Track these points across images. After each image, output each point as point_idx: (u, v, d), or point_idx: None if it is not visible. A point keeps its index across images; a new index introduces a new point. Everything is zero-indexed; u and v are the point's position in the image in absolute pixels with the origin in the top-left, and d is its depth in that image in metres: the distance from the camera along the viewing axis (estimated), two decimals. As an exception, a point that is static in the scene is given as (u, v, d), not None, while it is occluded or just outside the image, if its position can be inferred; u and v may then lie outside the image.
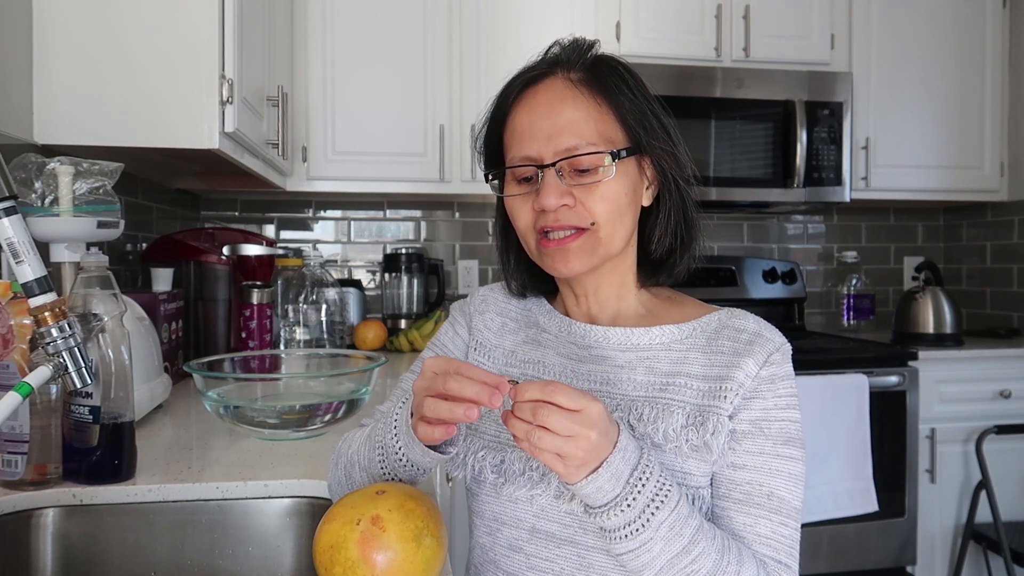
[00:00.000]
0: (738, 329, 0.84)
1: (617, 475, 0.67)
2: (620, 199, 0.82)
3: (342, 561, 0.67)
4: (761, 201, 2.62)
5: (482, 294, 0.98)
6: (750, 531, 0.77)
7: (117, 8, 1.42)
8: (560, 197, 0.80)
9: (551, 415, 0.64)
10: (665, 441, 0.78)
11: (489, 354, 0.92)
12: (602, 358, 0.85)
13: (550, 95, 0.82)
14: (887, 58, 2.68)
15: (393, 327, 2.59)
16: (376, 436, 0.82)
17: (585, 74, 0.83)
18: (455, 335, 0.97)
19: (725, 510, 0.79)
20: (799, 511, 0.79)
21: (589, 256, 0.82)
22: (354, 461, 0.85)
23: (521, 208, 0.84)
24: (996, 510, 2.30)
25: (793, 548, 0.78)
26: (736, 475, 0.79)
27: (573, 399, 0.65)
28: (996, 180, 2.79)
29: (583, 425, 0.65)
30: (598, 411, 0.66)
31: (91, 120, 1.42)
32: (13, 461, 0.95)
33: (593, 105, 0.81)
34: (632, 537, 0.69)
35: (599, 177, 0.80)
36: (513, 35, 2.45)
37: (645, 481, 0.69)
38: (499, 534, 0.84)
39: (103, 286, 0.97)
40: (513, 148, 0.84)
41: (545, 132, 0.81)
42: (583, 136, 0.80)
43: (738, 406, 0.79)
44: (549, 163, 0.80)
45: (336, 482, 0.89)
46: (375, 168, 2.41)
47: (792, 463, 0.79)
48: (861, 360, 2.33)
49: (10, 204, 0.81)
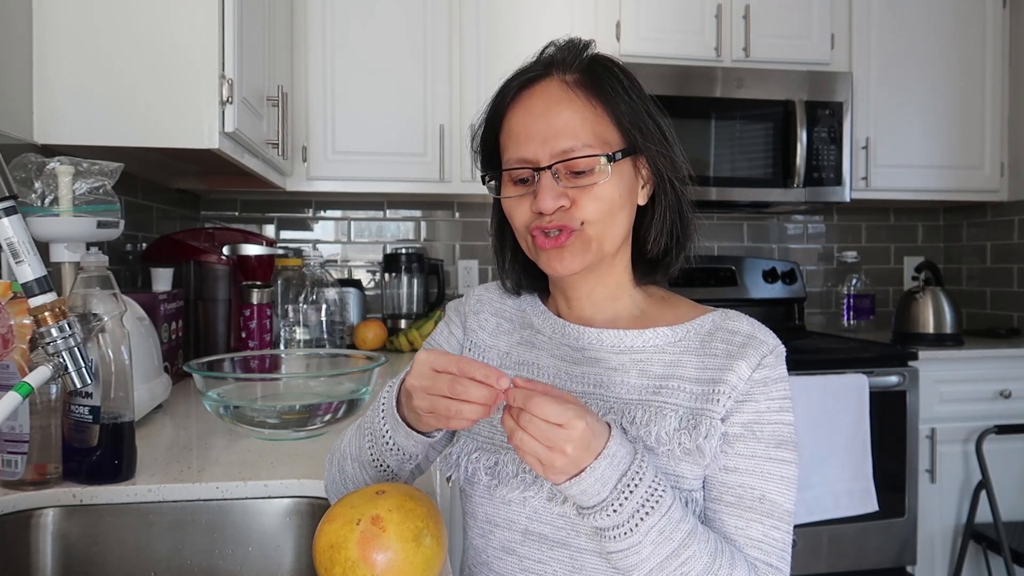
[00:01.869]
0: (732, 331, 0.84)
1: (603, 480, 0.68)
2: (614, 200, 0.82)
3: (342, 561, 0.67)
4: (761, 201, 2.62)
5: (477, 294, 0.98)
6: (741, 534, 0.77)
7: (117, 8, 1.42)
8: (556, 199, 0.80)
9: (532, 423, 0.66)
10: (658, 444, 0.78)
11: (484, 355, 0.92)
12: (595, 360, 0.85)
13: (546, 97, 0.83)
14: (887, 58, 2.68)
15: (393, 327, 2.59)
16: (366, 424, 0.84)
17: (580, 76, 0.83)
18: (450, 335, 0.97)
19: (717, 513, 0.79)
20: (791, 514, 0.80)
21: (583, 255, 0.82)
22: (346, 453, 0.86)
23: (518, 209, 0.84)
24: (996, 510, 2.30)
25: (785, 551, 0.78)
26: (728, 478, 0.79)
27: (555, 413, 0.66)
28: (996, 180, 2.79)
29: (562, 438, 0.66)
30: (580, 428, 0.66)
31: (91, 120, 1.42)
32: (13, 461, 0.95)
33: (588, 107, 0.82)
34: (620, 539, 0.70)
35: (595, 179, 0.81)
36: (513, 35, 2.45)
37: (633, 488, 0.69)
38: (492, 536, 0.84)
39: (103, 286, 0.97)
40: (510, 149, 0.84)
41: (541, 134, 0.81)
42: (579, 138, 0.81)
43: (731, 409, 0.79)
44: (545, 166, 0.81)
45: (331, 479, 0.90)
46: (375, 168, 2.41)
47: (784, 466, 0.79)
48: (861, 360, 2.33)
49: (10, 204, 0.81)
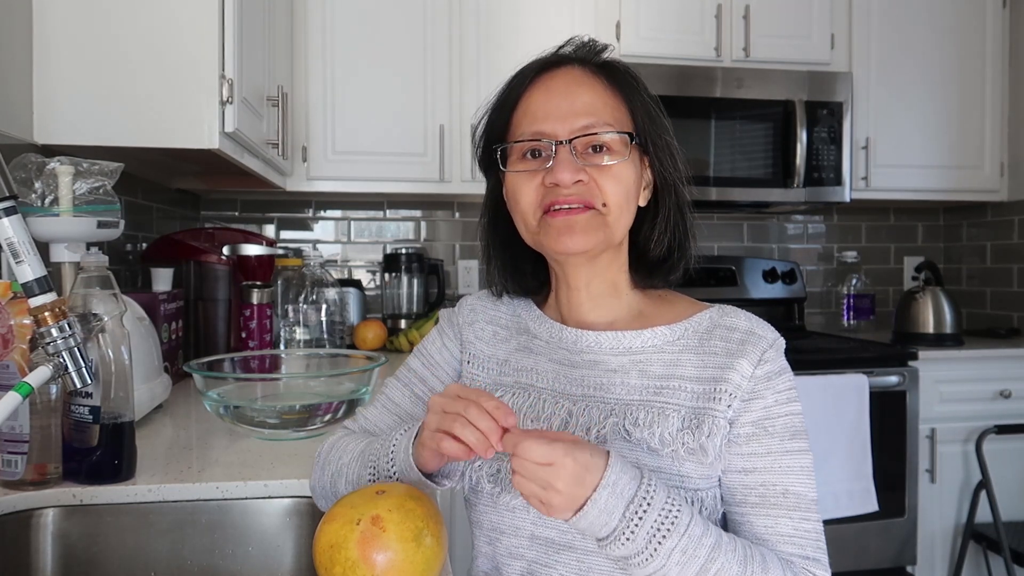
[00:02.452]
0: (730, 328, 0.83)
1: (608, 510, 0.67)
2: (630, 185, 0.82)
3: (342, 561, 0.67)
4: (761, 201, 2.62)
5: (470, 304, 0.97)
6: (772, 532, 0.77)
7: (117, 8, 1.42)
8: (575, 173, 0.79)
9: (524, 466, 0.66)
10: (661, 446, 0.77)
11: (483, 365, 0.91)
12: (594, 363, 0.85)
13: (567, 79, 0.84)
14: (887, 58, 2.68)
15: (393, 327, 2.59)
16: (370, 457, 0.82)
17: (599, 67, 0.85)
18: (443, 347, 0.96)
19: (744, 515, 0.78)
20: (816, 501, 0.79)
21: (595, 233, 0.81)
22: (342, 473, 0.85)
23: (527, 185, 0.83)
24: (996, 510, 2.30)
25: (819, 540, 0.78)
26: (748, 479, 0.78)
27: (543, 454, 0.66)
28: (996, 180, 2.78)
29: (552, 477, 0.66)
30: (568, 466, 0.66)
31: (91, 120, 1.42)
32: (13, 461, 0.95)
33: (609, 93, 0.83)
34: (644, 565, 0.69)
35: (614, 158, 0.81)
36: (513, 35, 2.45)
37: (643, 514, 0.68)
38: (499, 543, 0.83)
39: (103, 286, 0.97)
40: (523, 126, 0.83)
41: (563, 111, 0.81)
42: (600, 116, 0.81)
43: (738, 409, 0.79)
44: (565, 140, 0.80)
45: (320, 487, 0.89)
46: (375, 168, 2.41)
47: (801, 456, 0.79)
48: (861, 360, 2.33)
49: (10, 204, 0.81)
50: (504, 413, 0.69)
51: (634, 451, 0.78)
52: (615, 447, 0.78)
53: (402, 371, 0.97)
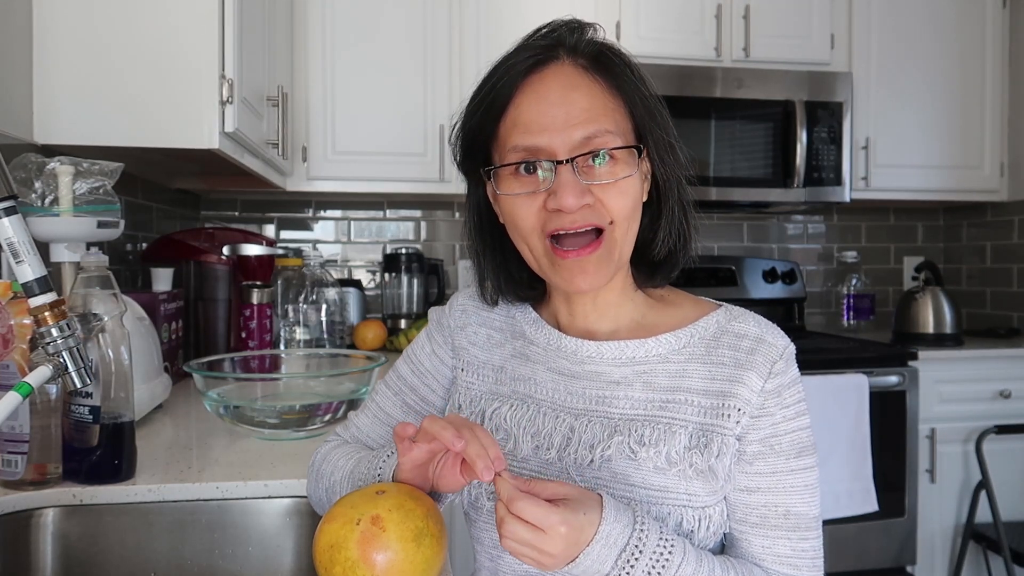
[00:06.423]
0: (738, 335, 0.79)
1: (600, 559, 0.66)
2: (636, 194, 0.76)
3: (342, 561, 0.67)
4: (761, 201, 2.62)
5: (460, 304, 0.92)
6: (769, 553, 0.76)
7: (117, 8, 1.42)
8: (580, 196, 0.73)
9: (516, 524, 0.65)
10: (669, 465, 0.75)
11: (478, 372, 0.87)
12: (596, 374, 0.80)
13: (561, 81, 0.75)
14: (887, 58, 2.68)
15: (393, 327, 2.59)
16: (358, 480, 0.80)
17: (592, 61, 0.77)
18: (432, 353, 0.91)
19: (743, 533, 0.78)
20: (818, 519, 0.78)
21: (608, 267, 0.76)
22: (335, 491, 0.83)
23: (525, 208, 0.75)
24: (996, 510, 2.30)
25: (816, 559, 0.77)
26: (751, 499, 0.77)
27: (538, 517, 0.64)
28: (996, 180, 2.78)
29: (546, 544, 0.64)
30: (562, 534, 0.64)
31: (91, 120, 1.42)
32: (13, 461, 0.95)
33: (608, 94, 0.76)
34: None
35: (618, 173, 0.74)
36: (514, 34, 2.41)
37: (635, 561, 0.67)
38: (501, 560, 0.82)
39: (103, 286, 0.97)
40: (514, 138, 0.75)
41: (559, 122, 0.73)
42: (600, 124, 0.74)
43: (747, 426, 0.76)
44: (565, 159, 0.73)
45: (316, 498, 0.88)
46: (375, 168, 2.41)
47: (806, 473, 0.77)
48: (861, 360, 2.33)
49: (10, 204, 0.81)
50: (495, 452, 0.67)
51: (640, 471, 0.75)
52: (619, 467, 0.76)
53: (391, 377, 0.93)
